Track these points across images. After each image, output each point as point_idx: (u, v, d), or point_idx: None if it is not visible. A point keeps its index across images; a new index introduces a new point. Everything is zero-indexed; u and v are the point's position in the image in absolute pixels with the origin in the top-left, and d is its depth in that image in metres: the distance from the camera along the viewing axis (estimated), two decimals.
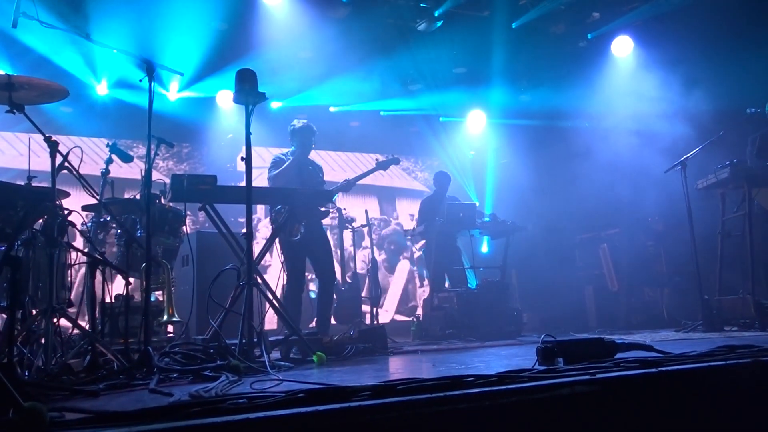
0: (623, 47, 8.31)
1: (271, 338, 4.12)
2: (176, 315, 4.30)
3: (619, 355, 2.77)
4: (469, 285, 7.05)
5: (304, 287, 5.56)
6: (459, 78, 8.89)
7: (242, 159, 3.96)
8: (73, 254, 3.51)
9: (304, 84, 8.47)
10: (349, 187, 5.68)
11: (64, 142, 3.46)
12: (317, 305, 5.57)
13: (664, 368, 2.39)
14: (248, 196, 3.96)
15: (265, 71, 6.92)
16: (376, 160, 6.10)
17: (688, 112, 7.15)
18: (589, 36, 8.40)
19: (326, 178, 5.83)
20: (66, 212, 3.36)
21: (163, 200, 4.53)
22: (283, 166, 5.44)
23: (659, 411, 2.28)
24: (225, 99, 8.32)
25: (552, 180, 8.28)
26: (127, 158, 4.63)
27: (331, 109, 9.12)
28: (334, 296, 6.02)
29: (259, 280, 4.11)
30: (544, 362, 2.71)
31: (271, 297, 4.22)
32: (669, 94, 7.40)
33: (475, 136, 9.68)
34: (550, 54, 8.21)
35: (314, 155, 5.89)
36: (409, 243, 9.29)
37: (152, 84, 3.44)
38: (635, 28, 8.16)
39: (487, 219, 7.02)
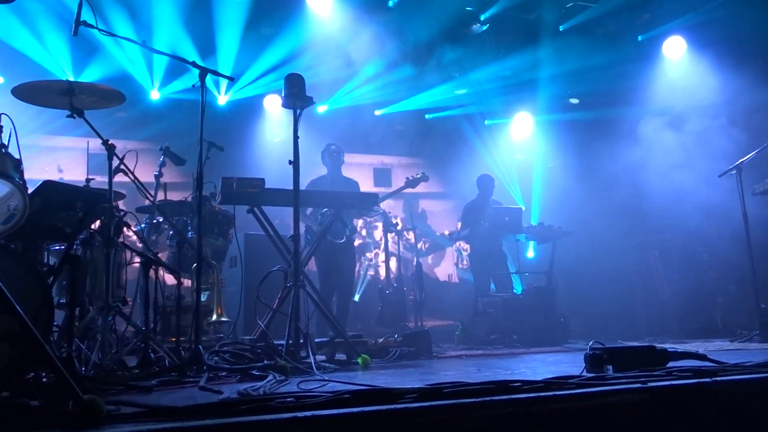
0: (675, 49, 8.07)
1: (316, 340, 4.17)
2: (225, 315, 4.39)
3: (671, 364, 2.69)
4: (514, 290, 6.97)
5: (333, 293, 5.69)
6: (505, 80, 8.81)
7: (290, 162, 4.02)
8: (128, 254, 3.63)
9: (350, 87, 8.55)
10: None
11: (120, 146, 3.57)
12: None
13: (719, 378, 2.31)
14: (295, 199, 4.01)
15: (312, 75, 7.07)
16: (407, 178, 6.29)
17: (743, 114, 6.89)
18: (639, 38, 8.19)
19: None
20: (122, 213, 3.48)
21: (213, 202, 4.62)
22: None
23: (713, 423, 2.20)
24: (273, 103, 8.46)
25: (600, 185, 8.10)
26: (179, 161, 4.75)
27: (376, 112, 9.16)
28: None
29: (306, 282, 4.19)
30: (592, 369, 2.65)
31: (317, 299, 4.29)
32: (723, 96, 7.14)
33: (522, 140, 9.57)
34: (598, 56, 8.05)
35: (352, 170, 6.19)
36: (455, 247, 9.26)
37: (204, 89, 3.53)
38: (688, 30, 7.92)
39: (533, 223, 6.93)
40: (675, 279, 7.28)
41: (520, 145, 9.66)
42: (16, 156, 2.86)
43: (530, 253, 8.41)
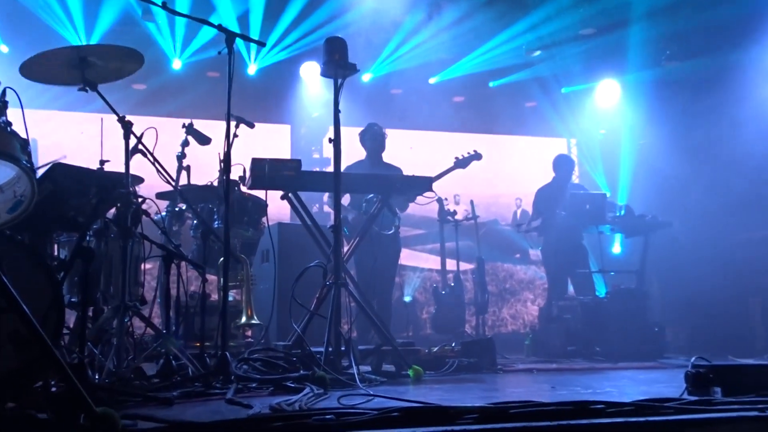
0: None
1: (360, 347, 4.20)
2: (255, 317, 4.47)
3: None
4: (597, 293, 6.86)
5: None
6: (587, 41, 8.61)
7: (330, 141, 4.04)
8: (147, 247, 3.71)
9: (400, 52, 8.54)
10: None
11: (138, 123, 3.65)
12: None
13: None
14: (336, 183, 4.03)
15: (357, 38, 7.06)
16: (456, 158, 6.30)
17: None
18: None
19: None
20: (140, 200, 3.56)
21: (242, 187, 4.70)
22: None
23: None
24: (311, 72, 8.52)
25: (704, 165, 7.82)
26: (204, 140, 4.85)
27: (431, 80, 9.13)
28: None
29: (349, 280, 4.22)
30: (695, 391, 2.58)
31: (361, 299, 4.31)
32: None
33: (606, 111, 9.37)
34: (705, 8, 7.72)
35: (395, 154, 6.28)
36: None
37: (232, 57, 3.57)
38: None
39: (620, 213, 6.79)
40: None
41: (605, 118, 9.44)
42: (23, 135, 2.96)
43: (616, 249, 8.27)
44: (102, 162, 3.92)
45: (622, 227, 6.85)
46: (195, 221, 4.74)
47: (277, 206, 5.04)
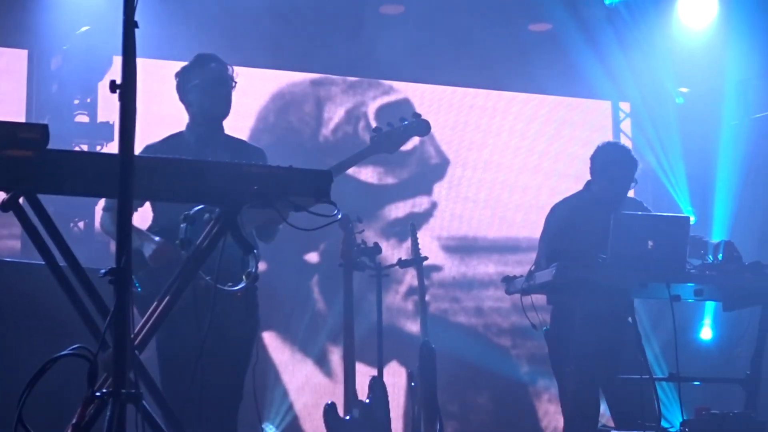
0: None
1: None
2: None
3: None
4: (662, 422, 6.96)
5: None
6: None
7: (114, 87, 3.88)
8: None
9: None
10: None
11: None
12: None
13: None
14: (123, 177, 3.86)
15: None
16: (375, 131, 6.51)
17: None
18: None
19: None
20: None
21: None
22: None
23: None
24: None
25: None
26: None
27: None
28: None
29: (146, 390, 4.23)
30: None
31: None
32: None
33: (691, 48, 9.71)
34: None
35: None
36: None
37: None
38: None
39: (715, 258, 6.98)
40: None
41: (688, 62, 9.86)
42: None
43: (706, 333, 8.54)
44: None
45: (720, 288, 7.01)
46: None
47: None
